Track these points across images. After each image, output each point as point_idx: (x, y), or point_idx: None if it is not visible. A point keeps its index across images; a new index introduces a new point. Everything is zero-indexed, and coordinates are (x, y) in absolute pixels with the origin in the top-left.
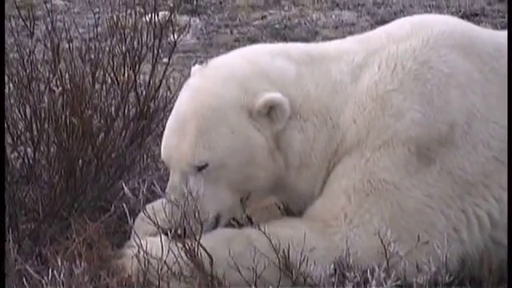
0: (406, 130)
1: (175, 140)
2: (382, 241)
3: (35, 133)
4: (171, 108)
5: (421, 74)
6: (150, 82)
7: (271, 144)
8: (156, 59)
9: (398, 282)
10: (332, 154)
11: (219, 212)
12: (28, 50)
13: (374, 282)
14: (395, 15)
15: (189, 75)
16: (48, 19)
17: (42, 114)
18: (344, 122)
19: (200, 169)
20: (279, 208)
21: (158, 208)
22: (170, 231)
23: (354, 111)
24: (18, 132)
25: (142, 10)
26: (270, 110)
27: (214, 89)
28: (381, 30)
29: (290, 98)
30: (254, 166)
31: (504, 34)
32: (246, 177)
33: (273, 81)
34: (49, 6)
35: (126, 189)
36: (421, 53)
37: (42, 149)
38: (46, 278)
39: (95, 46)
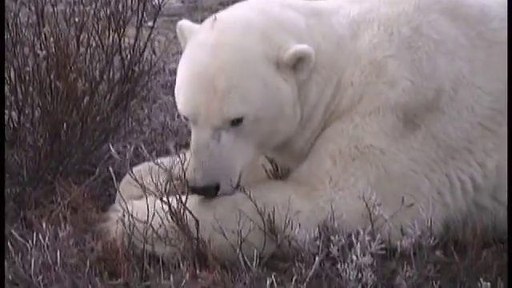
0: (397, 97)
1: (203, 97)
2: (366, 204)
3: (20, 96)
4: (156, 71)
5: (413, 42)
6: (134, 46)
7: (295, 95)
8: (141, 23)
9: (383, 246)
10: (329, 113)
11: (243, 168)
12: (12, 14)
13: (358, 245)
14: None
15: (175, 32)
16: None
17: (27, 78)
18: (344, 82)
19: (234, 123)
20: (266, 170)
21: (144, 171)
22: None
23: (353, 72)
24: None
25: None
26: (298, 61)
27: (235, 42)
28: None
29: None
30: (281, 120)
31: None
32: (273, 131)
33: (290, 31)
34: None
35: (112, 150)
36: (412, 18)
37: (26, 112)
38: (30, 241)
39: (80, 9)
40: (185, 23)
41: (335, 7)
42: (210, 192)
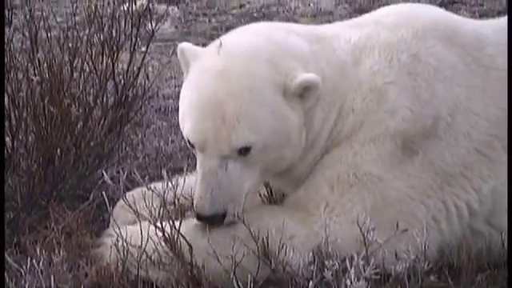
0: (396, 125)
1: (210, 124)
2: (360, 229)
3: (13, 122)
4: (149, 96)
5: (413, 68)
6: (128, 71)
7: (302, 122)
8: (134, 48)
9: (377, 270)
10: (331, 140)
11: (248, 194)
12: (6, 39)
13: (352, 270)
14: (373, 3)
15: (168, 57)
16: (26, 8)
17: (20, 103)
18: (345, 109)
19: (242, 153)
20: (260, 195)
21: (137, 196)
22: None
23: (354, 99)
24: None
25: None
26: (304, 90)
27: (243, 69)
28: (367, 18)
29: None
30: (288, 147)
31: (483, 23)
32: (280, 157)
33: (296, 57)
34: None
35: (106, 176)
36: (411, 45)
37: (20, 137)
38: (24, 266)
39: (73, 34)
40: (186, 46)
41: (335, 33)
42: (217, 220)
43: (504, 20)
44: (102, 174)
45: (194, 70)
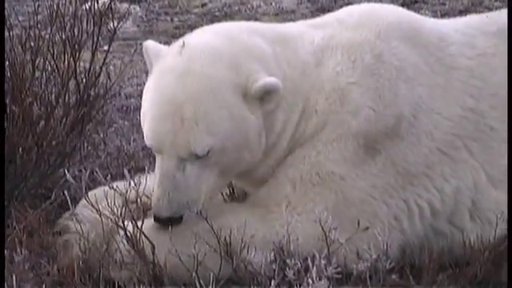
0: (359, 125)
1: (169, 126)
2: (322, 228)
3: None
4: (112, 95)
5: (376, 69)
6: (90, 70)
7: (261, 124)
8: (96, 47)
9: (339, 269)
10: (294, 141)
11: (206, 195)
12: None
13: (314, 268)
14: (335, 3)
15: (130, 56)
16: None
17: None
18: (308, 110)
19: (199, 155)
20: (222, 193)
21: (99, 195)
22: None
23: (317, 100)
24: None
25: None
26: (265, 93)
27: (204, 70)
28: (330, 17)
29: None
30: (246, 149)
31: (446, 22)
32: (238, 160)
33: (257, 59)
34: None
35: (68, 175)
36: (375, 45)
37: None
38: None
39: (35, 33)
40: (150, 44)
41: (299, 33)
42: (174, 221)
43: (465, 19)
44: (64, 173)
45: (156, 70)
